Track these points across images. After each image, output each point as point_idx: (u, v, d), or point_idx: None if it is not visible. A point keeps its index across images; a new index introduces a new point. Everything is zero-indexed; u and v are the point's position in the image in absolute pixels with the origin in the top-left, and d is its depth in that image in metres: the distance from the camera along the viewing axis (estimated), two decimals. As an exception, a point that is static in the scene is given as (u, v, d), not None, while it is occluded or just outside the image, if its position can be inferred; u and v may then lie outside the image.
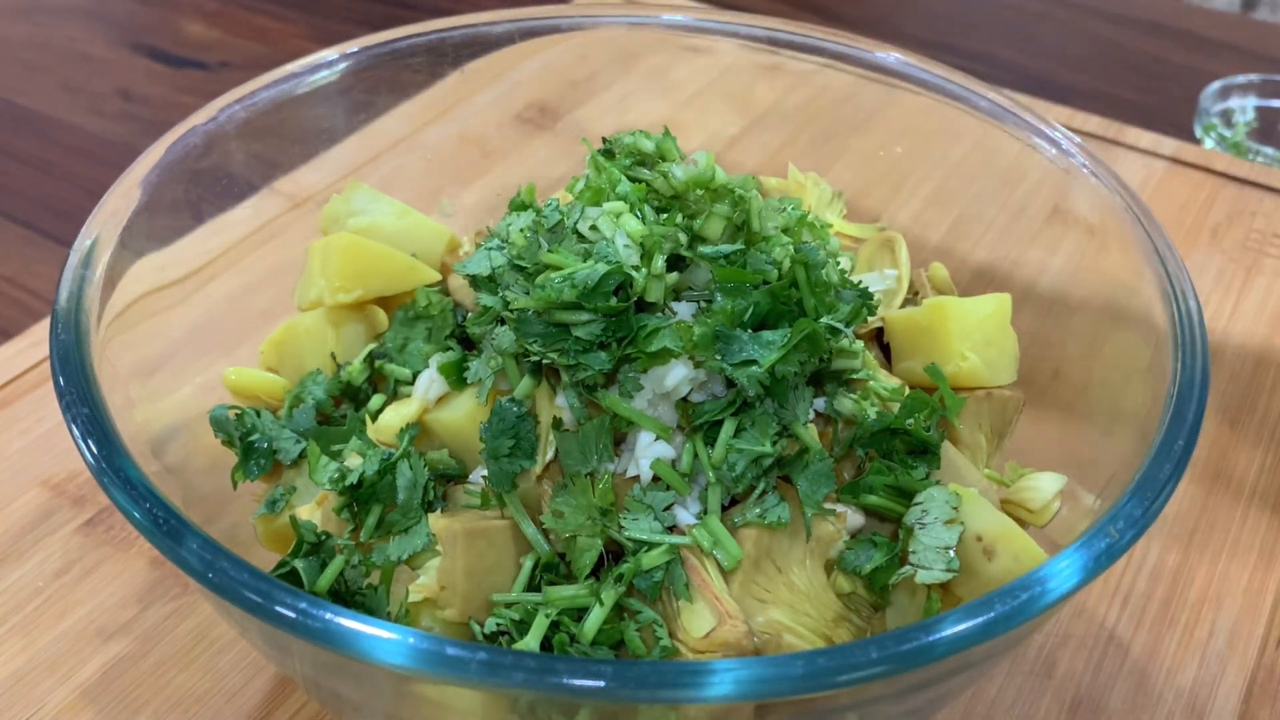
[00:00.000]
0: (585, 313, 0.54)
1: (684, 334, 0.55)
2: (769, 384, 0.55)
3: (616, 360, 0.55)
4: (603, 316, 0.54)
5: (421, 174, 0.88)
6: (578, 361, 0.54)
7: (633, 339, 0.55)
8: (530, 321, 0.56)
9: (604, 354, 0.54)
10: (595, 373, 0.54)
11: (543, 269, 0.57)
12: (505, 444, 0.57)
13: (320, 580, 0.56)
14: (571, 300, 0.54)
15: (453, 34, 0.82)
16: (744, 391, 0.55)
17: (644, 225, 0.56)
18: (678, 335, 0.55)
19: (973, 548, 0.55)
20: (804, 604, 0.55)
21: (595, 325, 0.54)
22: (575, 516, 0.55)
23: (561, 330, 0.55)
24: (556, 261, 0.56)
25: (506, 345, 0.58)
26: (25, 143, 1.19)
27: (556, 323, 0.55)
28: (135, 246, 0.64)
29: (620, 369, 0.56)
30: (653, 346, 0.54)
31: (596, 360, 0.54)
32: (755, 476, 0.55)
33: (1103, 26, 1.44)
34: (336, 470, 0.59)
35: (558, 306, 0.55)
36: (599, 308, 0.54)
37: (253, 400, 0.68)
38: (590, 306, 0.54)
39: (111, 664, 0.67)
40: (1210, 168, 1.08)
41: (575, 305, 0.54)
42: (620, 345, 0.55)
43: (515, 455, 0.57)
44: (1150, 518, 0.49)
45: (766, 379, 0.54)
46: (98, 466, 0.50)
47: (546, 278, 0.55)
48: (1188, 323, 0.59)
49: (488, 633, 0.54)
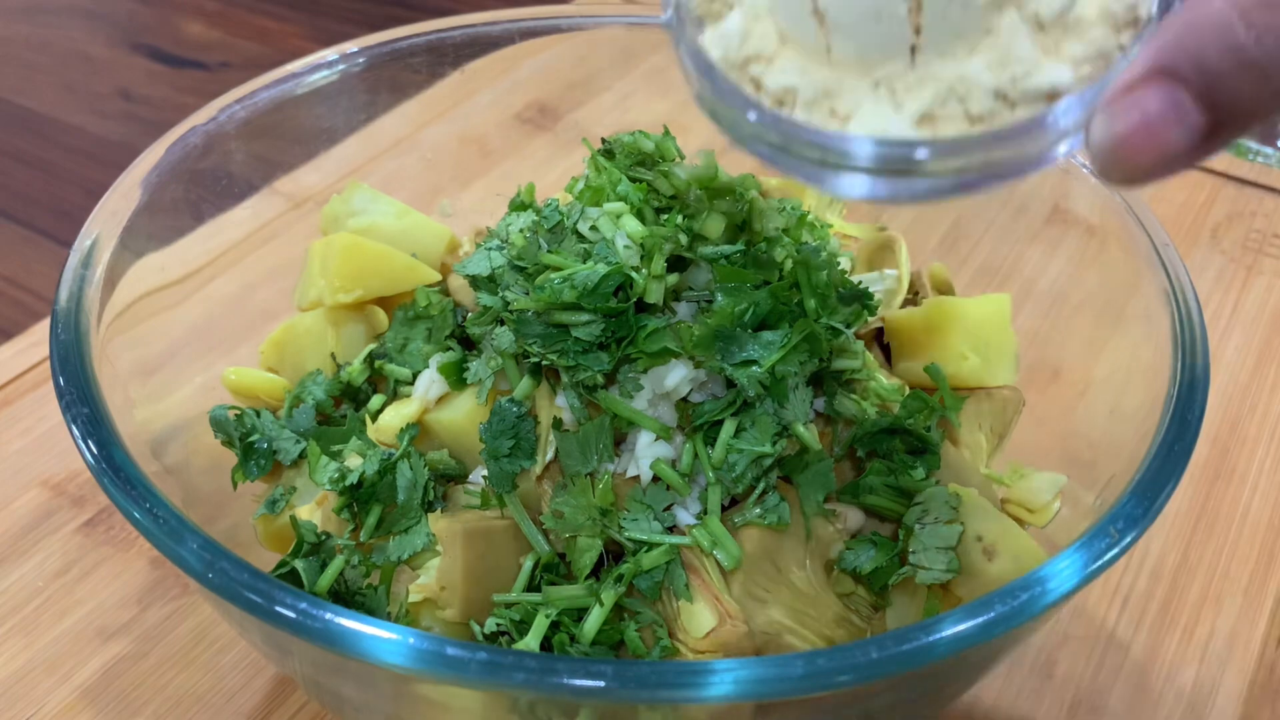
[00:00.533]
0: (585, 313, 0.55)
1: (684, 334, 0.55)
2: (769, 384, 0.55)
3: (616, 361, 0.55)
4: (602, 317, 0.54)
5: (421, 174, 0.88)
6: (577, 363, 0.54)
7: (633, 339, 0.55)
8: (530, 322, 0.56)
9: (604, 355, 0.54)
10: (595, 373, 0.54)
11: (542, 269, 0.57)
12: (505, 444, 0.57)
13: (320, 581, 0.56)
14: (571, 301, 0.54)
15: (453, 34, 0.82)
16: (744, 392, 0.55)
17: (644, 227, 0.56)
18: (678, 335, 0.55)
19: (973, 548, 0.55)
20: (804, 604, 0.55)
21: (595, 326, 0.54)
22: (575, 517, 0.55)
23: (561, 331, 0.55)
24: (556, 262, 0.56)
25: (506, 345, 0.58)
26: (25, 143, 1.19)
27: (556, 323, 0.55)
28: (135, 246, 0.64)
29: (620, 369, 0.56)
30: (653, 347, 0.54)
31: (596, 361, 0.54)
32: (755, 477, 0.55)
33: (1103, 26, 1.44)
34: (336, 470, 0.59)
35: (557, 307, 0.55)
36: (599, 308, 0.54)
37: (253, 400, 0.68)
38: (590, 307, 0.54)
39: (111, 664, 0.67)
40: (1210, 168, 1.08)
41: (575, 306, 0.54)
42: (620, 346, 0.55)
43: (515, 455, 0.57)
44: (1150, 518, 0.49)
45: (767, 379, 0.54)
46: (98, 466, 0.50)
47: (546, 278, 0.55)
48: (1188, 323, 0.59)
49: (488, 633, 0.54)
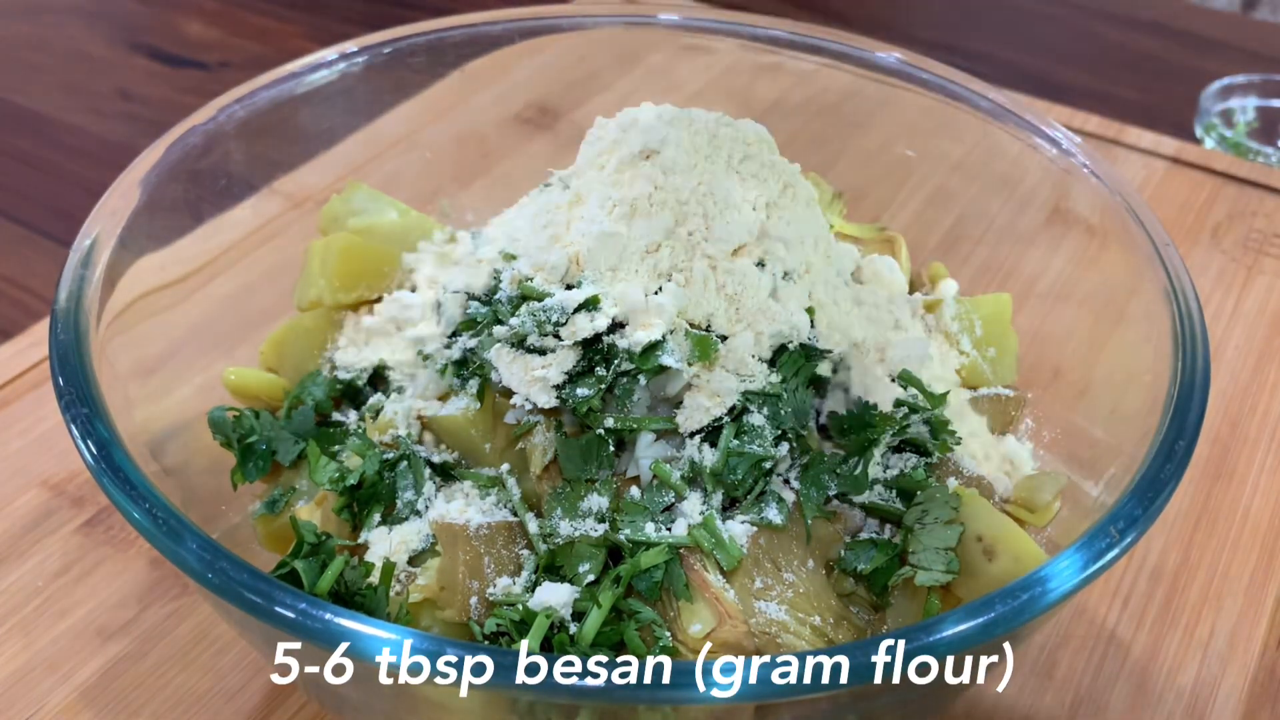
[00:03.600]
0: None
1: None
2: (770, 391, 0.55)
3: (608, 383, 0.55)
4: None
5: (421, 174, 0.88)
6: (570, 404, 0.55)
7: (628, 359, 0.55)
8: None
9: (589, 389, 0.55)
10: (585, 401, 0.55)
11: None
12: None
13: (321, 582, 0.56)
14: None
15: (453, 34, 0.82)
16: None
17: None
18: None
19: (973, 548, 0.55)
20: (804, 604, 0.54)
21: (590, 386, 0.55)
22: (574, 522, 0.55)
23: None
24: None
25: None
26: (25, 143, 1.19)
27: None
28: (135, 246, 0.64)
29: (616, 381, 0.56)
30: (650, 364, 0.55)
31: (584, 396, 0.55)
32: (755, 479, 0.55)
33: (1103, 26, 1.44)
34: (336, 470, 0.59)
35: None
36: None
37: (252, 400, 0.68)
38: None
39: (111, 664, 0.67)
40: (1210, 167, 1.08)
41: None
42: (610, 368, 0.55)
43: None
44: (1150, 518, 0.49)
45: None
46: (97, 466, 0.50)
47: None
48: (1188, 323, 0.59)
49: (488, 633, 0.54)
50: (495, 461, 0.59)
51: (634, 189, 0.58)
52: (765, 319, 0.57)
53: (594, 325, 0.55)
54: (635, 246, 0.57)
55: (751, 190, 0.60)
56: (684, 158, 0.59)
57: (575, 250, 0.58)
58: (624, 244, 0.57)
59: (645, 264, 0.57)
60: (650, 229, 0.57)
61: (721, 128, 0.61)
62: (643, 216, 0.58)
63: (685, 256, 0.57)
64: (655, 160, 0.59)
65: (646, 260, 0.57)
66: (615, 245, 0.57)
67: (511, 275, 0.59)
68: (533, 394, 0.55)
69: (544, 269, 0.58)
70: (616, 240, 0.57)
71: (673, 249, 0.57)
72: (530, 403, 0.56)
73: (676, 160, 0.59)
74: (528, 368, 0.56)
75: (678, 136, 0.59)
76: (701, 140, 0.60)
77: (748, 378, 0.56)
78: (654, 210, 0.58)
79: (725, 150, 0.60)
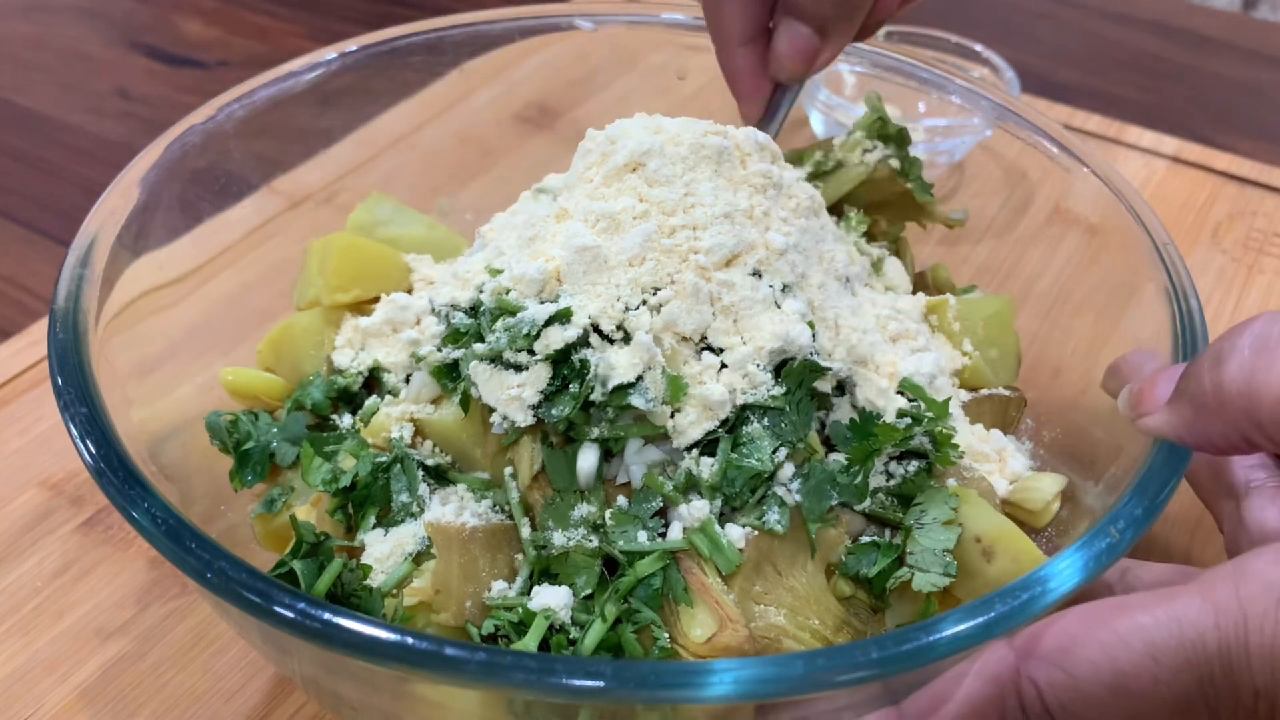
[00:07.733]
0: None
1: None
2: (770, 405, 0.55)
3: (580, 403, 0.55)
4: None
5: (420, 173, 0.88)
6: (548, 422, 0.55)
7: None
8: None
9: (564, 408, 0.55)
10: (560, 420, 0.55)
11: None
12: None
13: (319, 584, 0.56)
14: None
15: (452, 33, 0.82)
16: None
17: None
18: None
19: (971, 549, 0.55)
20: (805, 608, 0.54)
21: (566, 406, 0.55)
22: (567, 532, 0.55)
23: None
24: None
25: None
26: (24, 142, 1.19)
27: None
28: (133, 246, 0.64)
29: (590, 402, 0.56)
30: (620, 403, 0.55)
31: (558, 416, 0.55)
32: (754, 489, 0.55)
33: (1103, 26, 1.44)
34: (329, 472, 0.59)
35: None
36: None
37: (251, 400, 0.68)
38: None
39: (110, 664, 0.67)
40: (1211, 167, 1.08)
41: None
42: (582, 385, 0.55)
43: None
44: (1150, 518, 0.49)
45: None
46: (96, 466, 0.50)
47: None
48: (1188, 322, 0.59)
49: (485, 634, 0.54)
50: (488, 466, 0.59)
51: (618, 202, 0.58)
52: (764, 331, 0.57)
53: (565, 336, 0.55)
54: (617, 260, 0.57)
55: (744, 199, 0.59)
56: (670, 168, 0.59)
57: (556, 265, 0.57)
58: (605, 257, 0.57)
59: (628, 276, 0.56)
60: (632, 241, 0.57)
61: (711, 136, 0.60)
62: (626, 229, 0.57)
63: (674, 267, 0.57)
64: (641, 172, 0.59)
65: (629, 273, 0.56)
66: (595, 259, 0.56)
67: (493, 288, 0.59)
68: (510, 412, 0.55)
69: (522, 282, 0.57)
70: (596, 254, 0.56)
71: (658, 260, 0.57)
72: (509, 421, 0.56)
73: (661, 171, 0.58)
74: (504, 385, 0.55)
75: (664, 147, 0.59)
76: (687, 150, 0.59)
77: (747, 391, 0.56)
78: (636, 223, 0.57)
79: (715, 159, 0.60)
